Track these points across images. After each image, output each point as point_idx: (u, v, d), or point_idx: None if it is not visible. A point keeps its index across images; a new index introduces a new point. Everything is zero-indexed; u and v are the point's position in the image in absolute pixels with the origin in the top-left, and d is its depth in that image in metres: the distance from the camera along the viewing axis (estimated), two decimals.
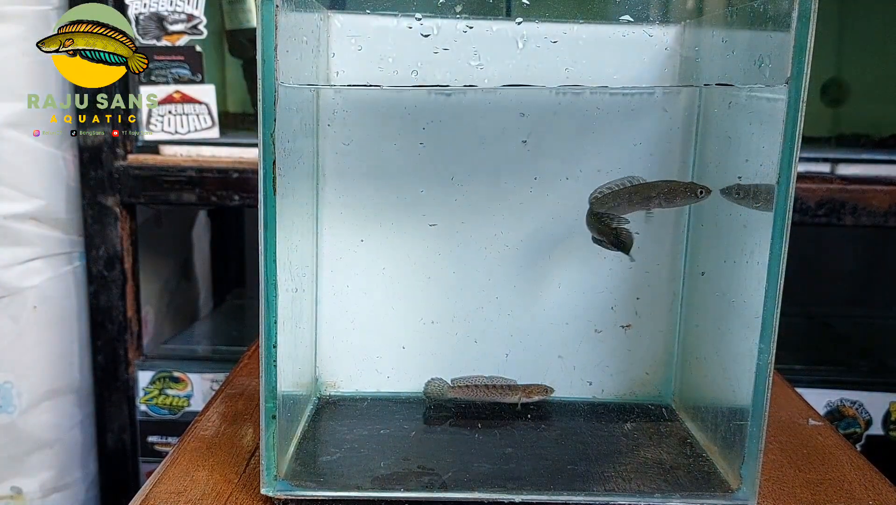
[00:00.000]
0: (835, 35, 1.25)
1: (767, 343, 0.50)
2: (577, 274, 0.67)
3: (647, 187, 0.60)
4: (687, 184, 0.61)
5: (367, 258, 0.67)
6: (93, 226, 1.07)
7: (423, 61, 0.63)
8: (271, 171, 0.48)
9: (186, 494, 0.53)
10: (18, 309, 1.04)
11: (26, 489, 1.06)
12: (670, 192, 0.60)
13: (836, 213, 1.02)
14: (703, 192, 0.60)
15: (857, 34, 1.26)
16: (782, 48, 0.48)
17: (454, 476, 0.55)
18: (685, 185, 0.61)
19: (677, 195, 0.60)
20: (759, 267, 0.51)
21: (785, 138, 0.48)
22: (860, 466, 0.60)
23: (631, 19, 0.62)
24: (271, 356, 0.50)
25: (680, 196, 0.60)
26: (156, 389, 1.13)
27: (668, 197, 0.60)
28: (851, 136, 1.23)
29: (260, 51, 0.47)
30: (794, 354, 1.23)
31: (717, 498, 0.53)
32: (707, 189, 0.59)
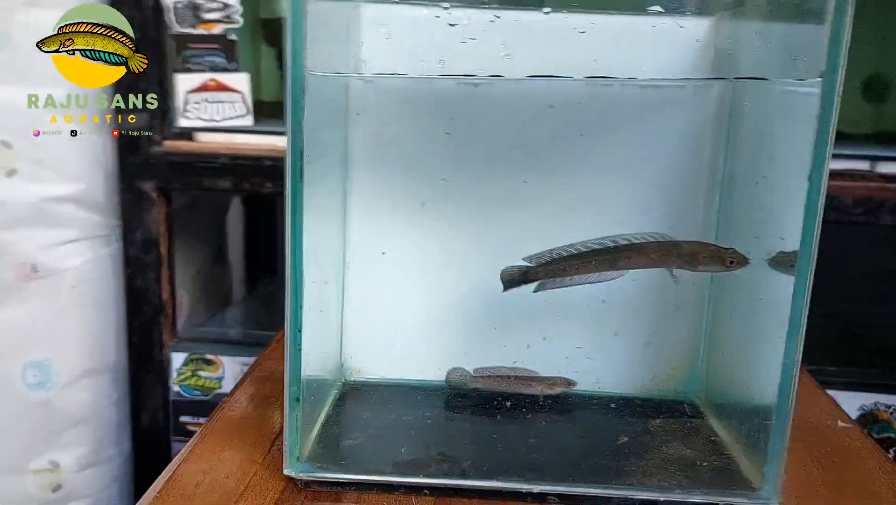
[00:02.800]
0: (878, 30, 1.22)
1: (794, 342, 0.50)
2: None
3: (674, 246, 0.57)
4: (716, 249, 0.56)
5: (395, 247, 0.67)
6: (130, 210, 1.10)
7: (451, 51, 0.63)
8: (299, 161, 0.49)
9: (212, 472, 0.55)
10: (57, 289, 1.06)
11: (63, 463, 1.09)
12: (692, 254, 0.56)
13: (874, 212, 1.00)
14: (733, 262, 0.55)
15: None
16: (817, 42, 0.48)
17: (474, 464, 0.55)
18: (712, 250, 0.56)
19: (699, 261, 0.56)
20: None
21: (818, 133, 0.47)
22: (888, 469, 0.59)
23: (662, 10, 0.61)
24: (297, 341, 0.51)
25: (703, 262, 0.56)
26: (189, 370, 1.15)
27: (689, 261, 0.56)
28: (894, 133, 1.20)
29: (289, 39, 0.47)
30: (828, 355, 1.21)
31: (739, 496, 0.52)
32: (739, 260, 0.55)
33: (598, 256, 0.58)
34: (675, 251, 0.57)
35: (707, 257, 0.56)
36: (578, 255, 0.59)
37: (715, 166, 0.65)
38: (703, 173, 0.65)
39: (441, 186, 0.66)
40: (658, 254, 0.57)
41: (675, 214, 0.66)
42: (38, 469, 1.08)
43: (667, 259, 0.57)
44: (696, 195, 0.65)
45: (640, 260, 0.58)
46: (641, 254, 0.57)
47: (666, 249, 0.57)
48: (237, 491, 0.52)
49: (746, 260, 0.56)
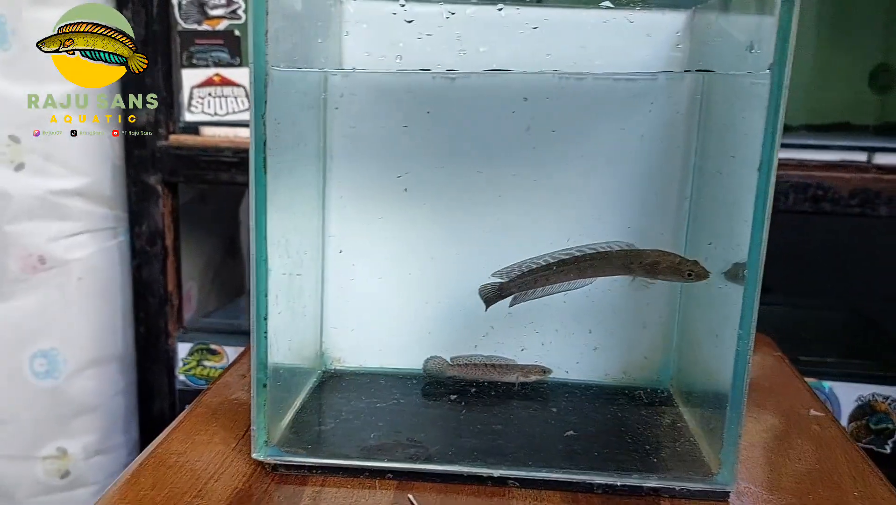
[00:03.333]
0: (884, 20, 1.21)
1: (747, 329, 0.51)
2: None
3: (637, 255, 0.59)
4: (676, 261, 0.58)
5: (373, 238, 0.69)
6: (136, 203, 1.12)
7: (429, 46, 0.64)
8: (262, 153, 0.51)
9: (186, 455, 0.57)
10: (65, 280, 1.09)
11: (71, 450, 1.12)
12: (653, 265, 0.58)
13: (870, 204, 0.99)
14: (692, 275, 0.57)
15: None
16: (770, 33, 0.48)
17: (441, 449, 0.57)
18: (672, 262, 0.58)
19: (659, 271, 0.58)
20: (742, 254, 0.51)
21: (767, 125, 0.48)
22: (854, 458, 0.60)
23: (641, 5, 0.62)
24: (262, 328, 0.53)
25: (662, 273, 0.58)
26: (194, 360, 1.18)
27: (650, 270, 0.58)
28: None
29: (251, 34, 0.49)
30: (828, 346, 1.20)
31: (696, 481, 0.53)
32: (698, 273, 0.57)
33: (566, 265, 0.60)
34: (638, 261, 0.58)
35: (666, 268, 0.58)
36: (546, 266, 0.60)
37: (688, 158, 0.65)
38: (676, 165, 0.66)
39: (418, 178, 0.67)
40: (622, 263, 0.59)
41: (650, 205, 0.67)
42: (47, 456, 1.11)
43: (630, 268, 0.59)
44: (670, 187, 0.66)
45: (605, 269, 0.60)
46: (606, 263, 0.59)
47: (629, 259, 0.59)
48: (207, 474, 0.54)
49: (706, 274, 0.57)
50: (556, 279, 0.60)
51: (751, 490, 0.54)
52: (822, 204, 1.00)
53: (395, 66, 0.64)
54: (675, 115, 0.65)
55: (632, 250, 0.59)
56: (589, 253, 0.59)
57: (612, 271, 0.60)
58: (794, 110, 1.12)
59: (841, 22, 1.20)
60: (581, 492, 0.54)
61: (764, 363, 0.80)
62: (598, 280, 0.65)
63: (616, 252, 0.59)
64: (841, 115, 1.16)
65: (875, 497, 0.54)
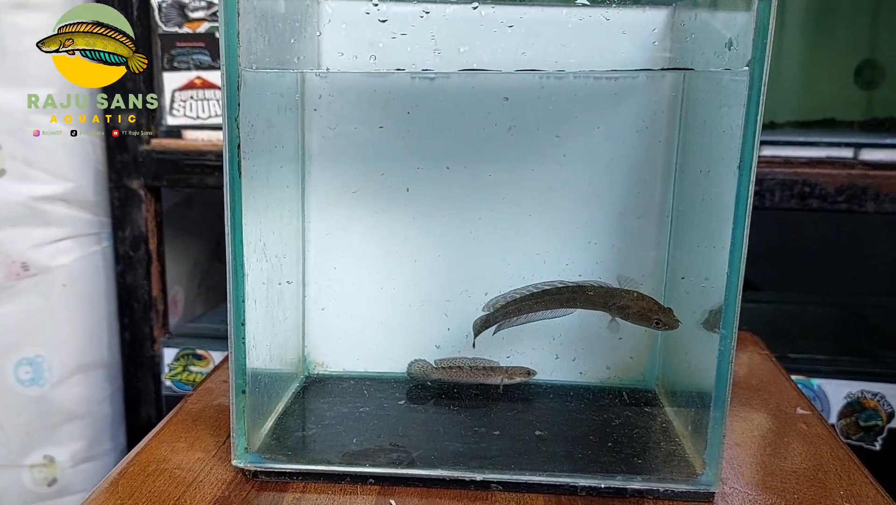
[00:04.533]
0: (869, 15, 1.21)
1: (729, 329, 0.50)
2: (563, 258, 0.67)
3: (612, 296, 0.60)
4: (647, 308, 0.59)
5: (354, 241, 0.68)
6: (119, 208, 1.11)
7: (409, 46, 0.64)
8: (236, 155, 0.50)
9: (165, 463, 0.56)
10: (49, 287, 1.08)
11: (58, 458, 1.11)
12: (624, 308, 0.60)
13: (857, 200, 0.99)
14: (659, 323, 0.59)
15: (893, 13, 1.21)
16: (748, 30, 0.48)
17: (423, 454, 0.56)
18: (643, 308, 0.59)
19: (629, 315, 0.60)
20: (724, 253, 0.50)
21: (746, 122, 0.48)
22: (841, 456, 0.59)
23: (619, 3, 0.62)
24: (240, 333, 0.52)
25: (632, 318, 0.60)
26: (180, 365, 1.17)
27: (621, 312, 0.60)
28: (886, 119, 1.19)
29: (223, 36, 0.48)
30: (818, 343, 1.20)
31: (680, 482, 0.53)
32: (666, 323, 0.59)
33: (547, 297, 0.62)
34: (613, 301, 0.60)
35: (636, 313, 0.60)
36: (529, 296, 0.63)
37: (670, 156, 0.65)
38: (658, 163, 0.65)
39: (399, 179, 0.67)
40: (599, 301, 0.61)
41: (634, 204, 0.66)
42: (34, 464, 1.10)
43: (606, 307, 0.61)
44: (654, 185, 0.66)
45: (583, 304, 0.62)
46: (585, 299, 0.62)
47: (606, 298, 0.61)
48: (186, 481, 0.53)
49: (675, 325, 0.59)
50: (537, 308, 0.63)
51: (737, 490, 0.54)
52: (808, 201, 0.99)
53: (372, 67, 0.63)
54: (657, 113, 0.64)
55: (609, 289, 0.61)
56: (570, 286, 0.62)
57: (589, 307, 0.62)
58: (781, 107, 1.12)
59: (826, 18, 1.20)
60: (565, 494, 0.53)
61: (751, 362, 0.79)
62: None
63: (596, 290, 0.61)
64: (827, 111, 1.16)
65: (860, 495, 0.54)
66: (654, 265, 0.67)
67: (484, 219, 0.67)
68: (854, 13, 1.21)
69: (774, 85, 1.10)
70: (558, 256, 0.67)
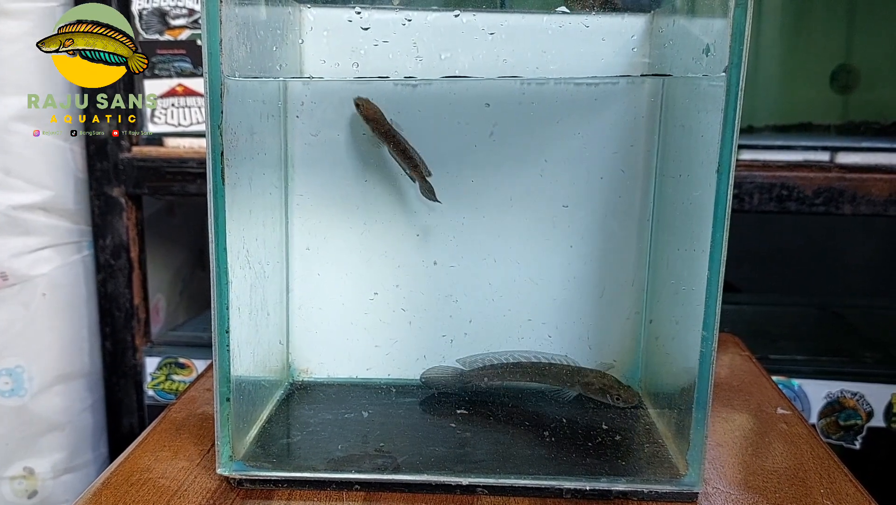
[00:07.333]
0: (845, 20, 1.23)
1: (710, 331, 0.51)
2: (544, 264, 0.68)
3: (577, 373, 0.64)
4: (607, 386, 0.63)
5: (338, 247, 0.68)
6: (100, 216, 1.11)
7: (391, 53, 0.64)
8: (219, 163, 0.50)
9: (149, 472, 0.56)
10: (29, 296, 1.07)
11: (39, 470, 1.10)
12: (587, 384, 0.64)
13: (834, 202, 1.01)
14: (619, 398, 0.62)
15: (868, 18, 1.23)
16: (725, 36, 0.48)
17: (409, 459, 0.56)
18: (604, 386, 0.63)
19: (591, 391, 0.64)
20: (704, 255, 0.51)
21: (724, 126, 0.48)
22: (821, 455, 0.60)
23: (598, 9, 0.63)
24: (224, 341, 0.52)
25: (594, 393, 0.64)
26: (162, 374, 1.16)
27: (585, 388, 0.64)
28: (861, 123, 1.20)
29: (205, 43, 0.48)
30: (797, 344, 1.21)
31: (664, 483, 0.53)
32: (625, 399, 0.62)
33: (520, 368, 0.66)
34: (578, 378, 0.64)
35: (598, 390, 0.63)
36: (504, 364, 0.66)
37: (650, 160, 0.66)
38: (639, 167, 0.66)
39: (382, 185, 0.67)
40: (566, 378, 0.65)
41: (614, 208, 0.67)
42: (14, 476, 1.09)
43: (572, 383, 0.65)
44: (634, 189, 0.66)
45: (551, 379, 0.66)
46: (553, 375, 0.65)
47: (572, 375, 0.65)
48: (170, 491, 0.53)
49: (633, 401, 0.63)
50: (510, 379, 0.66)
51: (719, 490, 0.55)
52: (787, 203, 1.01)
53: (354, 74, 0.63)
54: (637, 118, 0.65)
55: (576, 368, 0.65)
56: (544, 363, 0.66)
57: (557, 383, 0.65)
58: (758, 111, 1.13)
59: (802, 24, 1.21)
60: (550, 497, 0.53)
61: (732, 363, 0.80)
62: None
63: (563, 367, 0.65)
64: (804, 115, 1.17)
65: (840, 493, 0.54)
66: (635, 269, 0.67)
67: (468, 223, 0.68)
68: (830, 19, 1.23)
69: (752, 90, 1.11)
70: (539, 262, 0.68)
